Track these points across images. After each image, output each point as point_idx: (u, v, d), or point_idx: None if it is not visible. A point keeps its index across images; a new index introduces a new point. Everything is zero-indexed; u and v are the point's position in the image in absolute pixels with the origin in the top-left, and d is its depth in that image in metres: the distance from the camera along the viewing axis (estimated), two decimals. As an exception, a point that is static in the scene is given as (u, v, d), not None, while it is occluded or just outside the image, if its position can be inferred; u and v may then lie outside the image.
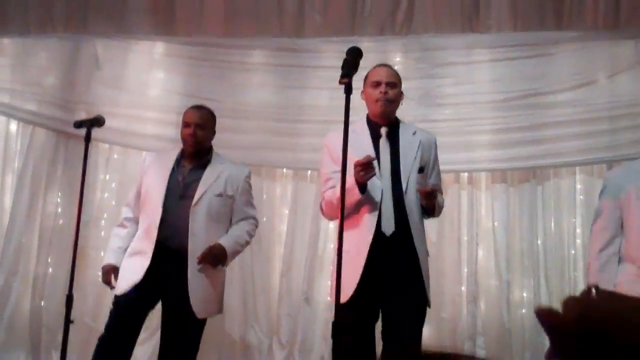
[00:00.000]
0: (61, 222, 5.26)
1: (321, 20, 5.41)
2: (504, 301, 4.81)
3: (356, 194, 3.10)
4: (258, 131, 5.21)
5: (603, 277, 3.02)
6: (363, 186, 3.11)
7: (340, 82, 2.65)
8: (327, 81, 4.79)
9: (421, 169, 3.30)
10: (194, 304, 3.57)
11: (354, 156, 3.06)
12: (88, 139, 3.69)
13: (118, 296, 3.64)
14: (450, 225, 4.94)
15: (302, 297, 4.99)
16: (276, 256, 5.17)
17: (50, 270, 5.22)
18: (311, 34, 5.39)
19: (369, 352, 3.12)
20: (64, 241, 5.08)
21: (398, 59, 5.16)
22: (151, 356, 4.70)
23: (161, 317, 3.74)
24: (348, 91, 2.65)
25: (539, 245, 4.87)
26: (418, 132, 3.42)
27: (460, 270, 4.90)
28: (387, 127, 3.34)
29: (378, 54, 4.66)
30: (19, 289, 5.22)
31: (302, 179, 5.18)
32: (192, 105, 3.98)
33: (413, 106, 4.96)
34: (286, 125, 5.17)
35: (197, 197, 3.68)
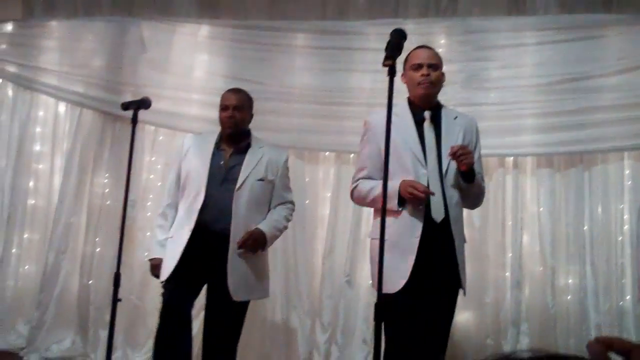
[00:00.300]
0: (108, 203, 5.36)
1: (365, 2, 5.38)
2: (549, 287, 4.76)
3: (393, 205, 3.08)
4: (301, 114, 5.21)
5: None
6: (402, 200, 3.10)
7: (383, 64, 2.62)
8: (371, 64, 4.77)
9: None
10: (232, 287, 3.58)
11: (398, 140, 3.05)
12: (135, 121, 3.73)
13: (165, 282, 3.67)
14: (494, 209, 4.90)
15: (344, 280, 5.01)
16: (318, 239, 5.19)
17: (98, 249, 5.33)
18: (355, 17, 5.37)
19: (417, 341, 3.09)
20: (111, 221, 5.18)
21: (442, 42, 5.11)
22: (196, 334, 4.78)
23: (205, 299, 3.77)
24: (392, 73, 2.61)
25: (585, 231, 4.80)
26: (459, 117, 3.34)
27: (504, 255, 4.86)
28: (430, 111, 3.28)
29: (422, 37, 4.62)
30: (68, 268, 5.34)
31: (345, 162, 5.17)
32: (230, 88, 3.99)
33: (457, 89, 4.92)
34: (329, 108, 5.16)
35: (241, 182, 3.69)
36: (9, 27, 5.82)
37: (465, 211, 3.34)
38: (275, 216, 3.82)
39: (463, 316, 4.76)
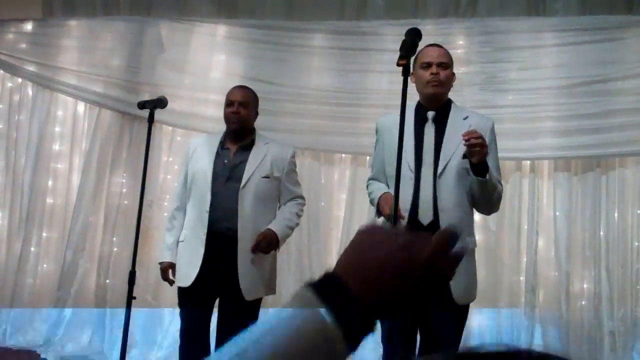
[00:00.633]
0: (126, 202, 5.39)
1: (383, 2, 5.36)
2: (563, 292, 4.72)
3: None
4: (318, 115, 5.21)
5: None
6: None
7: (398, 64, 2.59)
8: (388, 64, 4.73)
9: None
10: (243, 286, 3.59)
11: (394, 142, 2.96)
12: (151, 120, 3.75)
13: (182, 289, 3.69)
14: (510, 213, 4.86)
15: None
16: (333, 240, 5.19)
17: (115, 249, 5.36)
18: (372, 17, 5.36)
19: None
20: (129, 221, 5.21)
21: (461, 42, 5.08)
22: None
23: (218, 300, 3.78)
24: (406, 73, 2.59)
25: (601, 236, 4.75)
26: (471, 117, 3.20)
27: (519, 259, 4.83)
28: (437, 111, 3.17)
29: (440, 37, 4.56)
30: (85, 267, 5.38)
31: (361, 164, 5.15)
32: (236, 85, 3.97)
33: (475, 91, 4.89)
34: (346, 109, 5.15)
35: (245, 180, 3.67)
36: (29, 27, 5.87)
37: (481, 215, 3.29)
38: (285, 214, 3.80)
39: (477, 320, 4.73)
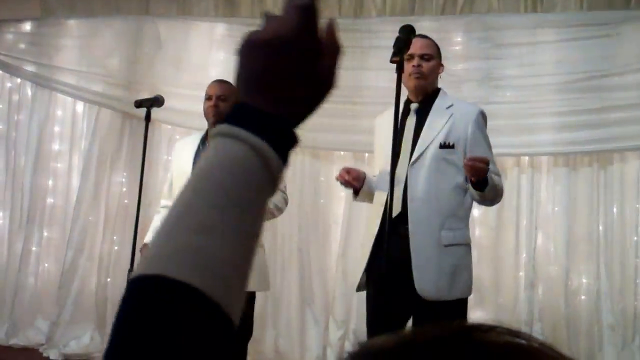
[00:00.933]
0: (126, 202, 5.40)
1: (380, -1, 5.35)
2: (563, 287, 4.72)
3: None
4: (316, 113, 5.18)
5: None
6: (355, 191, 3.16)
7: (391, 61, 2.59)
8: (386, 62, 4.64)
9: (447, 145, 3.01)
10: None
11: (383, 138, 3.06)
12: (148, 119, 3.76)
13: None
14: (509, 209, 4.85)
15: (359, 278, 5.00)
16: (333, 238, 5.20)
17: (115, 248, 5.39)
18: (370, 14, 5.35)
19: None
20: (129, 220, 5.20)
21: (459, 39, 5.07)
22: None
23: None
24: (399, 70, 2.60)
25: (600, 231, 4.75)
26: (455, 105, 3.12)
27: (518, 255, 4.83)
28: (422, 102, 3.12)
29: (438, 34, 4.54)
30: (86, 266, 5.40)
31: (360, 162, 5.14)
32: (215, 79, 3.92)
33: (474, 87, 4.89)
34: (344, 106, 5.12)
35: None
36: (28, 27, 5.88)
37: (480, 211, 3.29)
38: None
39: (476, 316, 4.73)
